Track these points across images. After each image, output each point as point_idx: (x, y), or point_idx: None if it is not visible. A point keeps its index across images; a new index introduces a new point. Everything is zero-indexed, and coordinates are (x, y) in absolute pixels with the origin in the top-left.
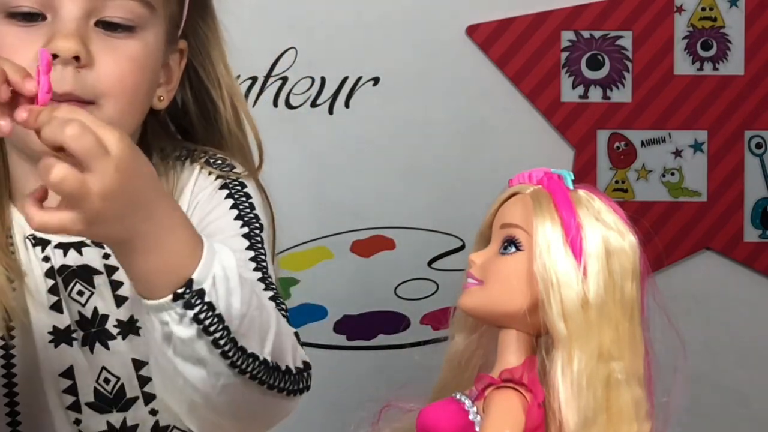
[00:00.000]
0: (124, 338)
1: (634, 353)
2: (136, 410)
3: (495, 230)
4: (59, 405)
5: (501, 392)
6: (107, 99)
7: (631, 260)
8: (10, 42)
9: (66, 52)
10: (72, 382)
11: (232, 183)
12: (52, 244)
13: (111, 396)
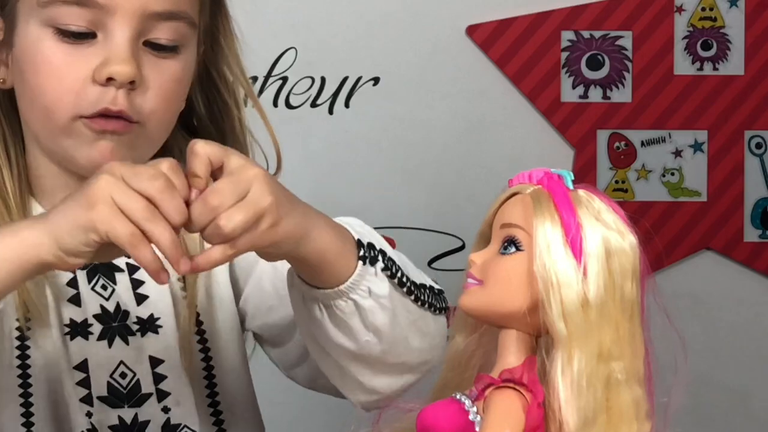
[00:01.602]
0: (143, 335)
1: (634, 353)
2: (148, 407)
3: (495, 230)
4: (73, 396)
5: (501, 392)
6: (151, 119)
7: (631, 260)
8: (60, 60)
9: (124, 78)
10: (86, 375)
11: None
12: None
13: (124, 391)
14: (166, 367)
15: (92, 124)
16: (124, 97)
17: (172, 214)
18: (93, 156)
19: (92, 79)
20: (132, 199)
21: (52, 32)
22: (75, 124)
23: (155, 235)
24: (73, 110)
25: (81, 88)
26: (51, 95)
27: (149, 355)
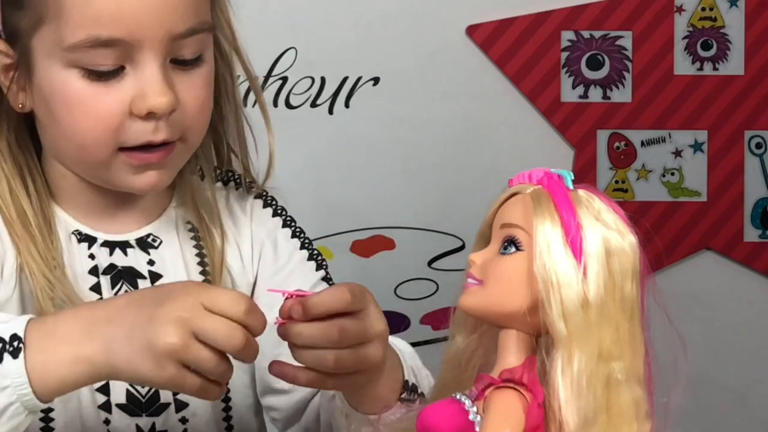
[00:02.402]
0: None
1: (634, 353)
2: (166, 416)
3: (495, 230)
4: (91, 402)
5: (501, 392)
6: (191, 132)
7: (631, 260)
8: (93, 100)
9: (165, 110)
10: (105, 381)
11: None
12: (98, 242)
13: (143, 399)
14: None
15: (134, 161)
16: (165, 126)
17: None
18: (138, 185)
19: (130, 113)
20: (203, 359)
21: (79, 73)
22: (116, 157)
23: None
24: (113, 146)
25: (120, 124)
26: (89, 134)
27: None
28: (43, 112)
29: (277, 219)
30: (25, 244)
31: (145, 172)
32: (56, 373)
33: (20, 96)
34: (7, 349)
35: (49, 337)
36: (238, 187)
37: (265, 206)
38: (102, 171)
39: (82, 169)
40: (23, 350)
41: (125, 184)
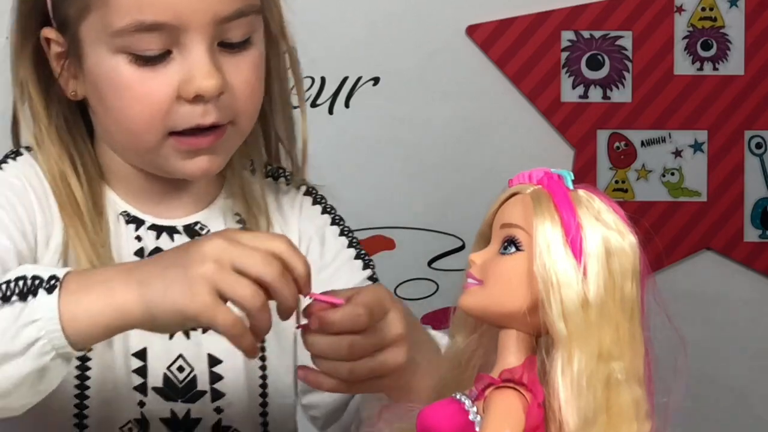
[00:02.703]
0: (205, 332)
1: (634, 353)
2: (202, 404)
3: (495, 230)
4: (127, 384)
5: (501, 392)
6: (242, 116)
7: (631, 260)
8: (141, 85)
9: (213, 92)
10: (143, 363)
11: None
12: (146, 225)
13: (180, 385)
14: (223, 368)
15: (184, 146)
16: (214, 108)
17: (289, 301)
18: (188, 171)
19: (178, 96)
20: (240, 287)
21: (127, 59)
22: (166, 142)
23: (262, 324)
24: (163, 130)
25: (168, 108)
26: (138, 119)
27: (208, 353)
28: (93, 99)
29: (326, 216)
30: (72, 223)
31: (196, 158)
32: (87, 312)
33: (72, 83)
34: (44, 285)
35: (85, 279)
36: (288, 183)
37: (314, 203)
38: (152, 157)
39: (133, 155)
40: (58, 289)
41: (176, 170)
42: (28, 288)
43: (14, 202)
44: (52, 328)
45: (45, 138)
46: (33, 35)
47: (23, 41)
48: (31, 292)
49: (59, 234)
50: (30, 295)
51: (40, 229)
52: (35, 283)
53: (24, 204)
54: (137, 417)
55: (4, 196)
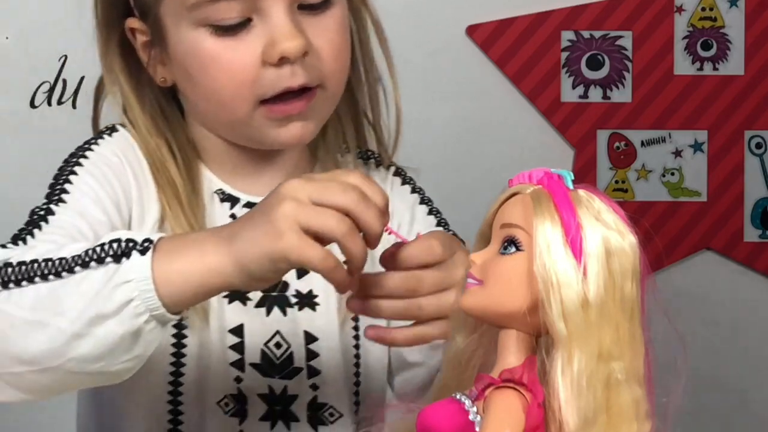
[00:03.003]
0: (300, 309)
1: (634, 353)
2: (298, 381)
3: (495, 230)
4: (223, 360)
5: (501, 392)
6: (330, 78)
7: (631, 260)
8: (225, 56)
9: (297, 53)
10: (240, 340)
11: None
12: (240, 202)
13: (277, 361)
14: (319, 345)
15: (275, 114)
16: (301, 69)
17: (373, 224)
18: (282, 139)
19: (263, 62)
20: (324, 216)
21: (208, 31)
22: (256, 112)
23: (354, 251)
24: (252, 99)
25: (255, 76)
26: (226, 90)
27: (304, 330)
28: (181, 80)
29: (415, 195)
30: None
31: (288, 125)
32: (180, 273)
33: (160, 71)
34: (137, 247)
35: (178, 242)
36: (378, 165)
37: (403, 183)
38: (245, 128)
39: (226, 129)
40: (152, 251)
41: (269, 139)
42: (122, 250)
43: (110, 177)
44: (145, 289)
45: (140, 126)
46: (117, 27)
47: (108, 33)
48: (124, 254)
49: (156, 209)
50: (124, 257)
51: (135, 204)
52: (129, 245)
53: (120, 179)
54: (233, 392)
55: (100, 171)
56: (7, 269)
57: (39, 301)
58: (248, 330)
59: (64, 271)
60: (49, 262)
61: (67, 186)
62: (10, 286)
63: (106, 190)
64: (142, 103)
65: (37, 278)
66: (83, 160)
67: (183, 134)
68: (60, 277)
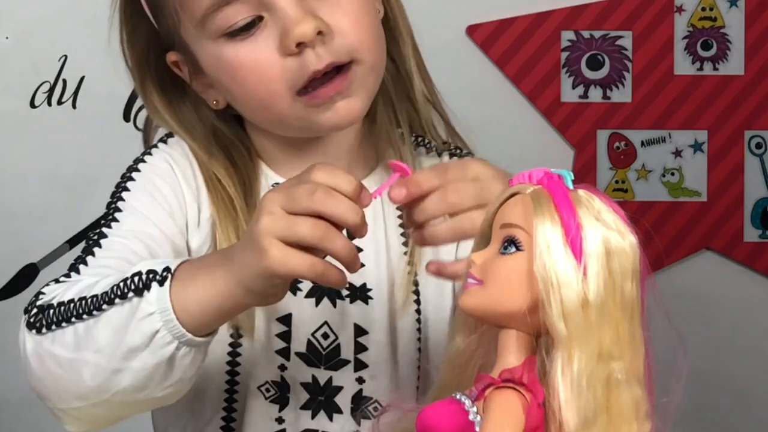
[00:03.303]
0: (352, 302)
1: (634, 353)
2: (344, 373)
3: (495, 230)
4: (268, 347)
5: (501, 392)
6: (361, 50)
7: (631, 260)
8: (246, 58)
9: (310, 33)
10: (287, 328)
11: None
12: None
13: (323, 352)
14: (368, 339)
15: (315, 100)
16: (323, 49)
17: (346, 217)
18: (333, 121)
19: (282, 54)
20: (296, 226)
21: (224, 40)
22: (296, 104)
23: (335, 250)
24: (286, 92)
25: (281, 69)
26: (260, 92)
27: (354, 323)
28: (224, 94)
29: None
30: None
31: (333, 106)
32: (196, 300)
33: (212, 94)
34: (156, 278)
35: (194, 268)
36: (428, 151)
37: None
38: (295, 122)
39: (281, 128)
40: (170, 280)
41: (321, 126)
42: (143, 283)
43: (161, 187)
44: (168, 319)
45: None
46: (150, 64)
47: (143, 73)
48: (145, 287)
49: (208, 209)
50: (145, 289)
51: (190, 207)
52: (149, 276)
53: (172, 186)
54: (276, 379)
55: (152, 183)
56: (49, 311)
57: (78, 341)
58: (296, 319)
59: (95, 309)
60: (83, 301)
61: (120, 204)
62: (53, 327)
63: (159, 201)
64: (191, 133)
65: (73, 318)
66: (135, 174)
67: (240, 145)
68: (92, 316)
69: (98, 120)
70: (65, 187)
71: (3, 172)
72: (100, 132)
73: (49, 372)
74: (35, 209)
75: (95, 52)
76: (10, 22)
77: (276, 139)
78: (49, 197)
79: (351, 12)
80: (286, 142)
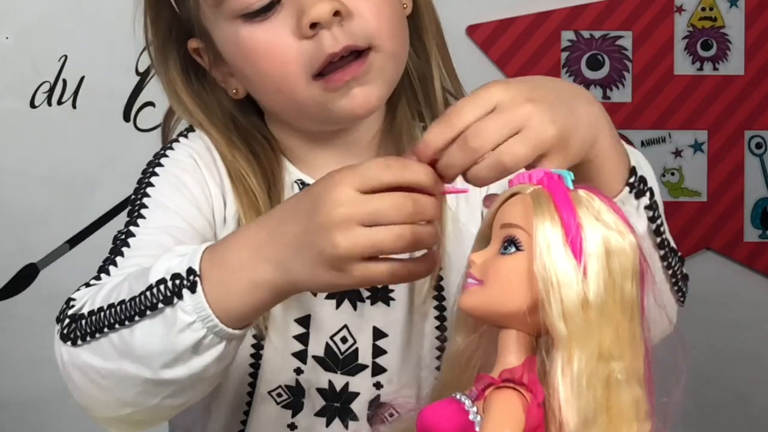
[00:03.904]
0: (373, 304)
1: (634, 353)
2: (361, 378)
3: (495, 230)
4: (284, 349)
5: (501, 392)
6: (379, 36)
7: (631, 260)
8: (262, 40)
9: (326, 14)
10: (305, 330)
11: None
12: None
13: (341, 356)
14: (388, 342)
15: (331, 84)
16: (340, 32)
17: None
18: (350, 107)
19: (298, 37)
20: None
21: (240, 21)
22: (312, 88)
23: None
24: (302, 75)
25: (296, 52)
26: (275, 75)
27: (374, 326)
28: (243, 81)
29: None
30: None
31: (350, 92)
32: (238, 302)
33: (232, 83)
34: (185, 284)
35: (223, 268)
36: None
37: None
38: (311, 109)
39: (297, 116)
40: (200, 283)
41: (336, 112)
42: (170, 291)
43: (187, 181)
44: (211, 325)
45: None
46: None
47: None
48: (175, 294)
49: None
50: (175, 297)
51: (216, 201)
52: (176, 283)
53: (197, 179)
54: (290, 384)
55: (177, 178)
56: (81, 322)
57: (116, 351)
58: (314, 322)
59: (126, 319)
60: (112, 309)
61: (145, 200)
62: (88, 339)
63: (185, 195)
64: (213, 123)
65: (106, 329)
66: (159, 168)
67: (262, 138)
68: (124, 326)
69: (98, 120)
70: (65, 187)
71: (3, 172)
72: (100, 132)
73: (93, 383)
74: (35, 209)
75: (95, 52)
76: (10, 22)
77: (297, 135)
78: (49, 197)
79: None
80: (308, 138)
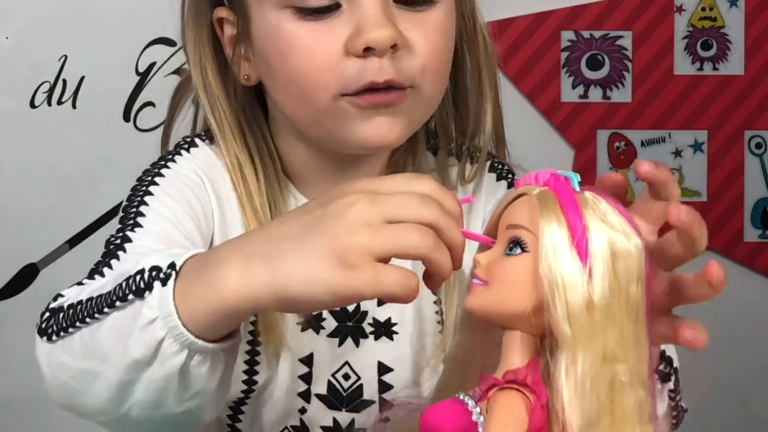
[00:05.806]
0: (376, 339)
1: (639, 355)
2: (368, 414)
3: (501, 231)
4: (290, 390)
5: (504, 393)
6: (424, 78)
7: (637, 263)
8: (305, 39)
9: (384, 42)
10: (309, 369)
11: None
12: None
13: (344, 393)
14: (394, 377)
15: (359, 101)
16: (389, 64)
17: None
18: (368, 134)
19: (346, 52)
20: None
21: (291, 12)
22: (338, 103)
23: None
24: (333, 89)
25: (336, 65)
26: (305, 78)
27: (379, 360)
28: (263, 72)
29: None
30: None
31: (374, 118)
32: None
33: (245, 67)
34: (160, 276)
35: (203, 263)
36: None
37: (498, 179)
38: (327, 122)
39: (308, 125)
40: (174, 278)
41: (352, 134)
42: (144, 282)
43: (188, 196)
44: (172, 325)
45: (226, 128)
46: (207, 19)
47: (199, 27)
48: (147, 287)
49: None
50: (146, 290)
51: (217, 217)
52: (152, 275)
53: (199, 197)
54: (295, 424)
55: (178, 191)
56: (59, 315)
57: (85, 348)
58: (317, 360)
59: (97, 312)
60: (90, 302)
61: (143, 208)
62: (62, 334)
63: (185, 209)
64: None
65: (78, 323)
66: (159, 179)
67: (267, 150)
68: (95, 320)
69: (98, 120)
70: (65, 187)
71: (3, 172)
72: (100, 132)
73: (64, 384)
74: (35, 209)
75: (95, 52)
76: (10, 22)
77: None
78: (49, 197)
79: (431, 37)
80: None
